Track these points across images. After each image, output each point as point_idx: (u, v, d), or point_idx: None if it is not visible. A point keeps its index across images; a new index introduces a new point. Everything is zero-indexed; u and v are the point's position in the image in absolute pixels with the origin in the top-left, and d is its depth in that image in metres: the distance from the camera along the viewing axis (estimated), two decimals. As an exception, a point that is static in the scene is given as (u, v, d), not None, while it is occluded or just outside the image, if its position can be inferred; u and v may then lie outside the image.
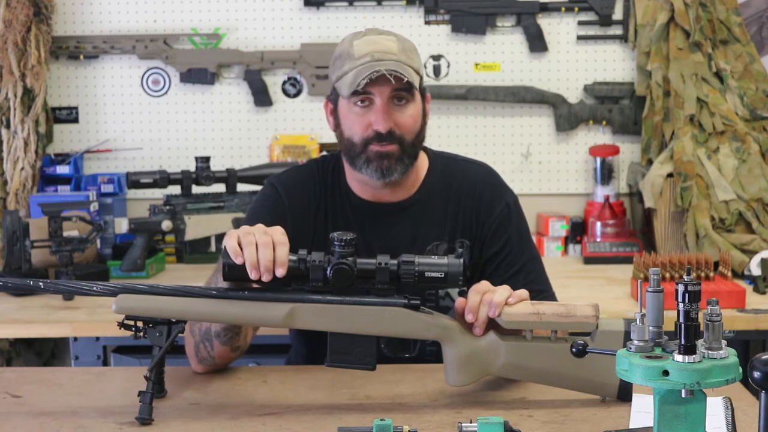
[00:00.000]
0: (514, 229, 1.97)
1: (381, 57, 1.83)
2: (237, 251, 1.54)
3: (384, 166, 1.87)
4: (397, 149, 1.87)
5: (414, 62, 1.89)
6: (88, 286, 1.57)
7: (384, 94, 1.85)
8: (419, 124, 1.91)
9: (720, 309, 1.19)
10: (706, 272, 2.53)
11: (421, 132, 1.93)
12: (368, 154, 1.87)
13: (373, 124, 1.86)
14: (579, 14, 3.31)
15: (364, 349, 1.58)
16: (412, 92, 1.87)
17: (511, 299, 1.60)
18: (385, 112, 1.85)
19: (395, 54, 1.85)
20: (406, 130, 1.88)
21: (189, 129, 3.37)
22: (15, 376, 1.85)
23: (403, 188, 1.96)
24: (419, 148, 1.94)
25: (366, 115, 1.87)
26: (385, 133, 1.85)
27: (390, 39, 1.88)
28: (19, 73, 3.19)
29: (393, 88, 1.84)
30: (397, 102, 1.87)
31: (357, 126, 1.88)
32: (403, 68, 1.83)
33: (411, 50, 1.90)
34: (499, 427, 1.31)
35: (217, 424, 1.54)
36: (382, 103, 1.85)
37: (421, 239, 1.94)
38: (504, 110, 3.36)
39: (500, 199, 1.98)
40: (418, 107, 1.91)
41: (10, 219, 2.77)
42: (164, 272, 2.99)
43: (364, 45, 1.86)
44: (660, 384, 1.18)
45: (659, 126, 3.14)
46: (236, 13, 3.34)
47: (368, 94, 1.85)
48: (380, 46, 1.85)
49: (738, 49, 3.15)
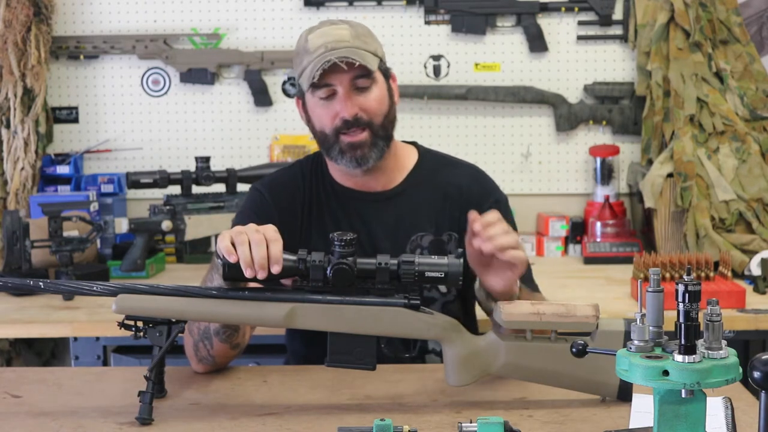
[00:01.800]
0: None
1: (334, 46, 1.86)
2: (230, 250, 1.54)
3: (358, 156, 1.90)
4: (368, 135, 1.89)
5: (369, 45, 1.91)
6: (88, 286, 1.57)
7: (344, 82, 1.87)
8: (386, 104, 1.93)
9: (720, 309, 1.19)
10: (706, 272, 2.53)
11: (390, 111, 1.95)
12: (341, 145, 1.90)
13: (339, 112, 1.88)
14: (579, 14, 3.31)
15: (364, 349, 1.58)
16: (371, 76, 1.89)
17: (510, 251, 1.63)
18: (347, 99, 1.88)
19: (348, 41, 1.87)
20: (373, 113, 1.90)
21: (189, 129, 3.37)
22: (15, 376, 1.85)
23: (386, 177, 1.98)
24: (391, 128, 1.96)
25: (331, 106, 1.89)
26: (351, 120, 1.88)
27: (342, 27, 1.90)
28: (19, 73, 3.19)
29: (352, 76, 1.87)
30: (359, 87, 1.88)
31: (325, 118, 1.91)
32: (356, 53, 1.85)
33: (365, 35, 1.92)
34: (499, 427, 1.31)
35: (217, 424, 1.54)
36: (344, 91, 1.88)
37: (405, 229, 1.95)
38: (504, 110, 3.36)
39: (489, 196, 1.99)
40: (382, 88, 1.93)
41: (10, 219, 2.77)
42: (164, 272, 2.99)
43: (316, 38, 1.89)
44: (660, 384, 1.18)
45: (659, 126, 3.14)
46: (236, 13, 3.34)
47: (329, 86, 1.88)
48: (332, 37, 1.88)
49: (738, 49, 3.15)
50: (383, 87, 1.94)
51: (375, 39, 1.95)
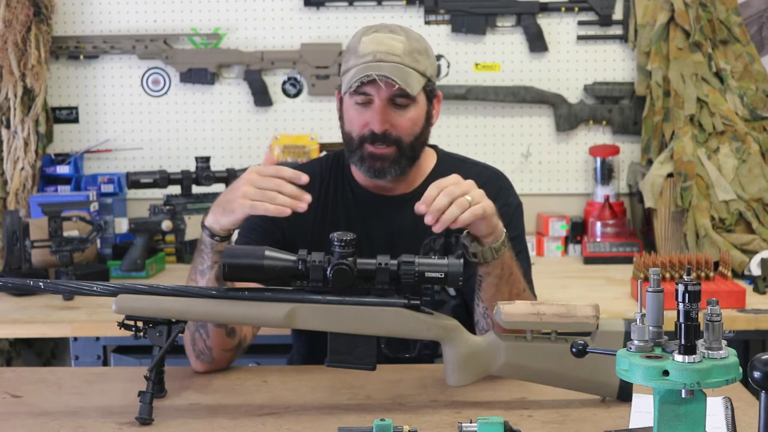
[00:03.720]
0: (509, 229, 1.89)
1: (383, 58, 1.82)
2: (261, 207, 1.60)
3: (376, 167, 1.88)
4: (394, 151, 1.87)
5: (420, 64, 1.86)
6: (88, 286, 1.57)
7: (382, 95, 1.84)
8: (420, 126, 1.90)
9: (720, 309, 1.19)
10: (706, 272, 2.52)
11: (423, 133, 1.92)
12: (363, 153, 1.88)
13: (370, 123, 1.86)
14: (579, 14, 3.31)
15: (364, 349, 1.58)
16: (411, 96, 1.85)
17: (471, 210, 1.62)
18: (381, 114, 1.85)
19: (399, 56, 1.83)
20: (404, 132, 1.87)
21: (189, 129, 3.37)
22: (15, 376, 1.85)
23: (405, 181, 1.97)
24: (419, 149, 1.93)
25: (364, 114, 1.87)
26: (380, 134, 1.85)
27: (397, 39, 1.85)
28: (19, 73, 3.19)
29: (392, 92, 1.83)
30: (397, 104, 1.86)
31: (355, 123, 1.88)
32: (402, 71, 1.82)
33: (419, 51, 1.87)
34: (499, 427, 1.31)
35: (217, 424, 1.54)
36: (380, 104, 1.85)
37: (420, 233, 1.93)
38: (504, 110, 3.36)
39: (502, 198, 1.96)
40: (420, 109, 1.90)
41: (10, 219, 2.77)
42: (164, 272, 2.99)
43: (369, 43, 1.84)
44: (660, 384, 1.18)
45: (659, 126, 3.14)
46: (236, 13, 3.34)
47: (367, 95, 1.85)
48: (384, 47, 1.83)
49: (738, 49, 3.15)
50: (422, 108, 1.90)
51: (429, 57, 1.90)
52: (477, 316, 1.82)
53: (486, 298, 1.76)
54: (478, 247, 1.69)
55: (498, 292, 1.73)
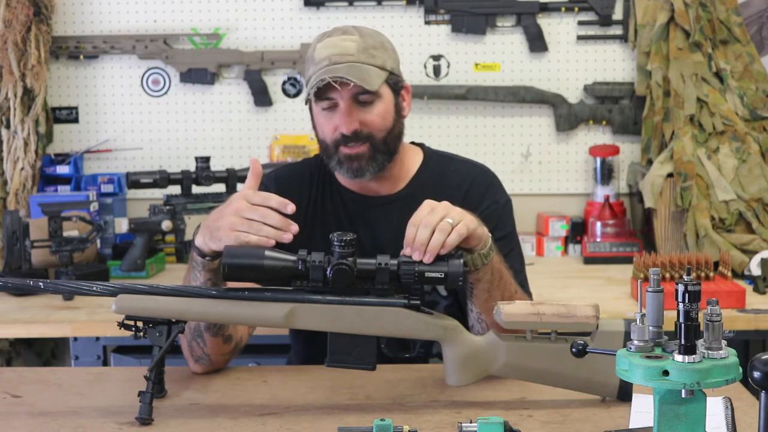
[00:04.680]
0: (498, 228, 1.90)
1: (337, 60, 1.82)
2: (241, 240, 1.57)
3: (354, 167, 1.88)
4: (368, 149, 1.87)
5: (376, 59, 1.85)
6: (88, 286, 1.57)
7: (345, 96, 1.84)
8: (390, 120, 1.90)
9: (720, 309, 1.19)
10: (706, 272, 2.52)
11: (396, 127, 1.92)
12: (339, 156, 1.89)
13: (339, 126, 1.86)
14: (579, 14, 3.31)
15: (364, 349, 1.58)
16: (373, 92, 1.85)
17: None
18: (347, 115, 1.85)
19: (353, 55, 1.83)
20: (375, 128, 1.87)
21: (189, 129, 3.37)
22: (15, 376, 1.85)
23: (390, 181, 1.97)
24: (394, 143, 1.92)
25: (333, 118, 1.87)
26: (350, 135, 1.85)
27: (350, 39, 1.85)
28: (19, 73, 3.19)
29: (354, 91, 1.83)
30: (362, 102, 1.85)
31: (326, 128, 1.89)
32: (358, 69, 1.81)
33: (374, 47, 1.86)
34: (499, 427, 1.31)
35: (217, 424, 1.54)
36: (344, 106, 1.85)
37: None
38: (504, 110, 3.36)
39: (490, 196, 1.97)
40: (387, 103, 1.89)
41: (10, 219, 2.77)
42: (164, 272, 2.99)
43: (323, 48, 1.85)
44: (660, 384, 1.18)
45: (659, 126, 3.14)
46: (236, 13, 3.34)
47: (331, 99, 1.85)
48: (338, 49, 1.84)
49: (738, 49, 3.15)
50: (389, 101, 1.90)
51: (386, 50, 1.89)
52: (471, 320, 1.81)
53: (479, 303, 1.76)
54: (468, 255, 1.69)
55: (490, 297, 1.72)
